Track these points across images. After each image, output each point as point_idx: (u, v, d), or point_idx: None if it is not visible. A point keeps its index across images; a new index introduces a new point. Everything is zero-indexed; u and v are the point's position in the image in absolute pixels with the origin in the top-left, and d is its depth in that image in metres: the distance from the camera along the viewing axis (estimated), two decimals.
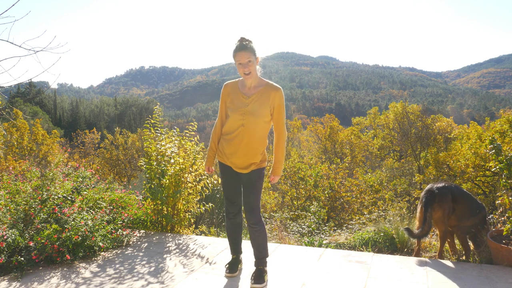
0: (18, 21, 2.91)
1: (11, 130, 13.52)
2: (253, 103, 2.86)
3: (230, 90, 2.97)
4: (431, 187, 3.62)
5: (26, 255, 3.38)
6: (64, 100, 79.41)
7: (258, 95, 2.87)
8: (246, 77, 2.84)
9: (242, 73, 2.83)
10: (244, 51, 2.76)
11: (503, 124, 7.44)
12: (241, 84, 2.97)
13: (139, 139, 17.59)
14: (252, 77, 2.85)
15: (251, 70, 2.80)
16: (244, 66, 2.79)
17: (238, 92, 2.93)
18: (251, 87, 2.91)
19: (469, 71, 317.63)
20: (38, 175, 4.52)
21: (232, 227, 3.14)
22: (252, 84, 2.90)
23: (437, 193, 3.52)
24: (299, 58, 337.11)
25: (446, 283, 2.92)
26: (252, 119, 2.85)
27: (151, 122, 4.79)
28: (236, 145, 2.90)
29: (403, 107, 15.84)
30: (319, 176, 8.51)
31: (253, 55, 2.79)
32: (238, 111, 2.88)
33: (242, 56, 2.77)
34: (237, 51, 2.78)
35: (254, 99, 2.87)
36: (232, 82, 3.02)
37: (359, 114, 30.35)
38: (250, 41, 2.81)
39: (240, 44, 2.78)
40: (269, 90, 2.88)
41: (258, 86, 2.91)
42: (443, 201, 3.49)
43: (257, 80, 2.91)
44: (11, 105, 4.73)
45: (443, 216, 3.50)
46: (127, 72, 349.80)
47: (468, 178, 8.39)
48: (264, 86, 2.90)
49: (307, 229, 5.14)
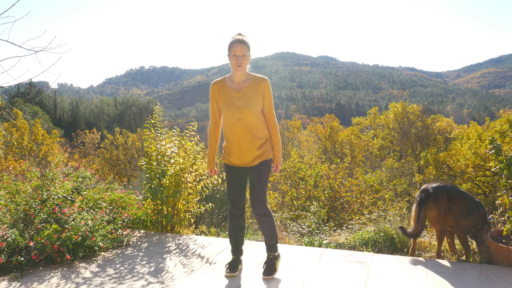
0: (18, 21, 2.91)
1: (11, 130, 13.51)
2: (245, 96, 2.94)
3: (219, 88, 3.02)
4: (426, 186, 3.64)
5: (26, 255, 3.38)
6: (64, 100, 79.42)
7: (248, 88, 2.96)
8: (238, 69, 2.91)
9: (235, 64, 2.90)
10: (242, 44, 2.87)
11: (503, 124, 7.44)
12: (229, 81, 3.02)
13: (139, 139, 17.59)
14: (242, 71, 2.94)
15: (244, 64, 2.91)
16: (238, 58, 2.88)
17: (228, 89, 2.99)
18: (240, 82, 2.99)
19: (469, 71, 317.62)
20: (38, 175, 4.52)
21: (234, 230, 3.18)
22: (241, 78, 2.98)
23: (432, 193, 3.54)
24: (299, 58, 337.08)
25: (446, 283, 2.92)
26: (248, 111, 2.93)
27: (151, 122, 4.79)
28: (238, 142, 2.97)
29: (403, 107, 15.84)
30: (319, 176, 8.51)
31: (248, 50, 2.91)
32: (232, 107, 2.94)
33: (239, 48, 2.87)
34: (235, 42, 2.88)
35: (246, 92, 2.95)
36: (219, 80, 3.07)
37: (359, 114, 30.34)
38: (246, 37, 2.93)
39: (239, 37, 2.89)
40: (258, 81, 2.98)
41: (247, 79, 2.99)
42: (437, 200, 3.50)
43: (245, 74, 3.00)
44: (11, 105, 4.74)
45: (438, 215, 3.51)
46: (127, 72, 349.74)
47: (468, 178, 8.39)
48: (252, 79, 2.99)
49: (307, 229, 5.14)
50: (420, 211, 3.51)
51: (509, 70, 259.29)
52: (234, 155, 3.02)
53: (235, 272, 3.17)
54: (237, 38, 2.90)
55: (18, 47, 2.98)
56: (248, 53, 2.92)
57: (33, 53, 3.04)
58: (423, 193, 3.58)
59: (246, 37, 2.93)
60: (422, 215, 3.50)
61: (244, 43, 2.88)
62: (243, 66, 2.91)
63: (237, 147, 2.99)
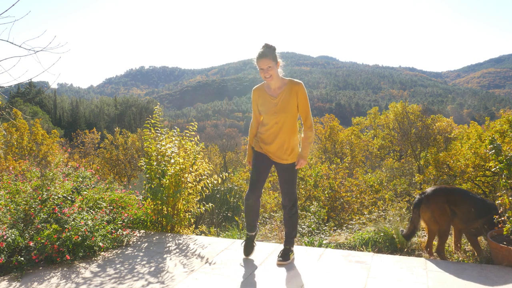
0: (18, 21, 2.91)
1: (10, 130, 13.50)
2: (282, 101, 3.22)
3: (259, 93, 3.33)
4: (425, 189, 3.70)
5: (26, 255, 3.38)
6: (64, 100, 79.38)
7: (284, 93, 3.23)
8: (268, 80, 3.19)
9: (263, 77, 3.17)
10: (263, 58, 3.11)
11: (503, 124, 7.43)
12: (267, 87, 3.32)
13: (139, 139, 17.57)
14: (274, 79, 3.19)
15: (272, 74, 3.15)
16: (264, 72, 3.14)
17: (266, 95, 3.29)
18: (275, 88, 3.27)
19: (469, 71, 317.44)
20: (38, 175, 4.52)
21: (248, 208, 3.47)
22: (276, 85, 3.26)
23: (426, 196, 3.59)
24: (299, 58, 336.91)
25: (446, 283, 2.92)
26: (284, 115, 3.23)
27: (151, 122, 4.79)
28: (274, 142, 3.27)
29: (403, 107, 15.83)
30: (319, 176, 8.50)
31: (272, 61, 3.13)
32: (269, 112, 3.25)
33: (262, 63, 3.12)
34: (258, 58, 3.14)
35: (281, 97, 3.23)
36: (259, 87, 3.37)
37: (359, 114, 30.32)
38: (272, 47, 3.16)
39: (262, 52, 3.13)
40: (292, 85, 3.23)
41: (282, 85, 3.26)
42: (430, 203, 3.55)
43: (279, 80, 3.25)
44: (11, 105, 4.74)
45: (432, 217, 3.54)
46: (127, 72, 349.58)
47: (468, 178, 8.38)
48: (287, 84, 3.25)
49: (307, 229, 5.14)
50: (413, 212, 3.60)
51: (509, 70, 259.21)
52: (267, 150, 3.33)
53: (248, 255, 3.52)
54: (259, 52, 3.13)
55: (18, 47, 2.99)
56: (273, 63, 3.13)
57: (33, 53, 3.04)
58: (419, 196, 3.66)
59: (270, 47, 3.14)
60: (414, 217, 3.60)
61: (266, 56, 3.11)
62: (273, 75, 3.16)
63: (271, 146, 3.29)
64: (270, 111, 3.24)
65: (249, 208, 3.46)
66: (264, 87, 3.31)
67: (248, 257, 3.53)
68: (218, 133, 72.54)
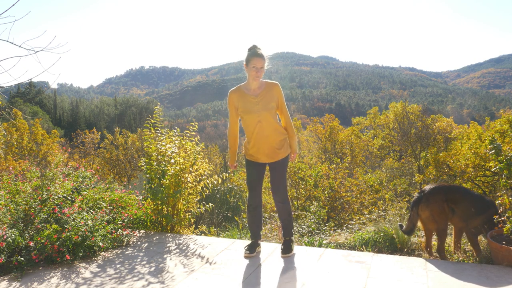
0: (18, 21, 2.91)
1: (11, 130, 13.51)
2: (263, 100, 3.35)
3: (238, 95, 3.40)
4: (424, 188, 3.70)
5: (26, 255, 3.38)
6: (64, 100, 79.36)
7: (264, 93, 3.37)
8: (256, 79, 3.31)
9: (254, 75, 3.27)
10: (261, 58, 3.26)
11: (503, 124, 7.43)
12: (245, 88, 3.41)
13: (139, 139, 17.56)
14: (258, 80, 3.34)
15: (261, 74, 3.31)
16: (257, 71, 3.27)
17: (246, 95, 3.38)
18: (255, 88, 3.38)
19: (469, 71, 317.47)
20: (38, 175, 4.52)
21: (252, 218, 3.62)
22: (257, 85, 3.38)
23: (425, 194, 3.59)
24: (299, 58, 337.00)
25: (446, 283, 2.92)
26: (266, 113, 3.34)
27: (151, 122, 4.79)
28: (259, 142, 3.38)
29: (403, 107, 15.83)
30: (319, 176, 8.50)
31: (265, 62, 3.31)
32: (252, 111, 3.34)
33: (259, 61, 3.25)
34: (255, 56, 3.25)
35: (262, 97, 3.36)
36: (235, 89, 3.44)
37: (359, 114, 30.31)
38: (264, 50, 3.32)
39: (259, 51, 3.26)
40: (271, 86, 3.40)
41: (261, 86, 3.40)
42: (429, 201, 3.54)
43: (259, 82, 3.39)
44: (11, 105, 4.73)
45: (431, 216, 3.54)
46: (127, 72, 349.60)
47: (468, 178, 8.38)
48: (265, 84, 3.40)
49: (307, 229, 5.13)
50: (412, 210, 3.61)
51: (509, 70, 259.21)
52: (255, 154, 3.44)
53: (253, 252, 3.56)
54: (257, 52, 3.26)
55: (18, 47, 2.98)
56: (265, 66, 3.31)
57: (33, 53, 3.04)
58: (417, 194, 3.66)
59: (263, 50, 3.31)
60: (413, 215, 3.61)
61: (263, 57, 3.27)
62: (259, 77, 3.31)
63: (258, 146, 3.40)
64: (252, 110, 3.34)
65: (252, 218, 3.62)
66: (242, 89, 3.41)
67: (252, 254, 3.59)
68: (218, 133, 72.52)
